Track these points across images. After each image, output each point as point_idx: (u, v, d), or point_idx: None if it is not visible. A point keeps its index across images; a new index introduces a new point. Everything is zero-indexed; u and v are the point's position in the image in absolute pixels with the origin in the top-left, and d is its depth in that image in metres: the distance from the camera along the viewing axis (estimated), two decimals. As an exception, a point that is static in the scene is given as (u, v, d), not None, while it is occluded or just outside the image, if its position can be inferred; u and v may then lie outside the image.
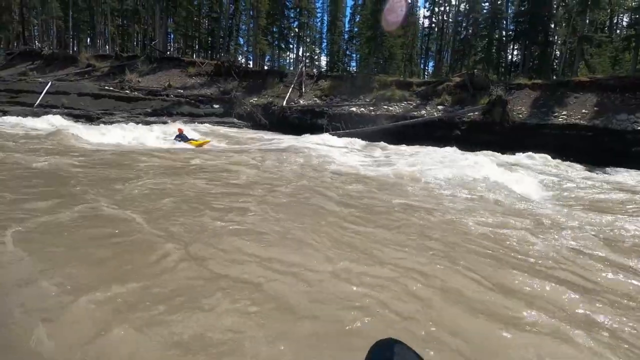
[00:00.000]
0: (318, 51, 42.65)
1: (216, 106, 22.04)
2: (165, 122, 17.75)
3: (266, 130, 19.23)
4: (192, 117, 20.09)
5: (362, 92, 21.83)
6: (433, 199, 4.95)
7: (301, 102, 22.05)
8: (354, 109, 20.23)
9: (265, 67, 33.07)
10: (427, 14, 36.69)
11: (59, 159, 6.10)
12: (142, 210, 3.66)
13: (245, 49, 36.23)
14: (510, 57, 30.17)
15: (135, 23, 34.84)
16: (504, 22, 28.45)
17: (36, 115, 17.36)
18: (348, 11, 40.68)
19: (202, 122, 19.26)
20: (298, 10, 32.82)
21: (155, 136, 11.65)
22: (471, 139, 15.02)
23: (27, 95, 20.82)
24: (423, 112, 18.87)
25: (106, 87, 22.78)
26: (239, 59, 36.57)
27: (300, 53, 36.47)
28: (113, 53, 29.80)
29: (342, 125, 18.30)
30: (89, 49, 33.64)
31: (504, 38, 28.70)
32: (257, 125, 20.13)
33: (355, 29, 36.12)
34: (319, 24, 43.05)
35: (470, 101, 18.27)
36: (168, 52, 32.53)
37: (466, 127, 16.36)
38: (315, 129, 17.45)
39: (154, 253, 2.71)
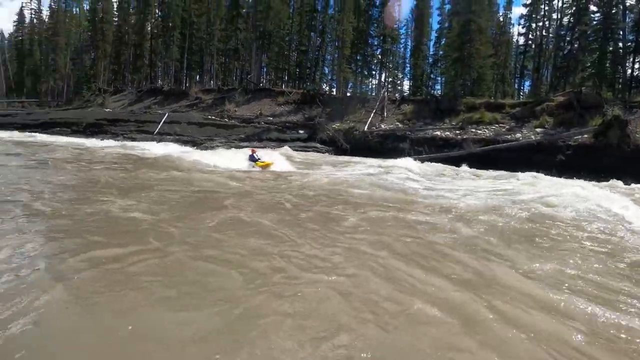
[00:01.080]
0: (400, 76, 42.67)
1: (301, 132, 23.37)
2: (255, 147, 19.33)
3: (347, 154, 19.62)
4: (279, 142, 21.58)
5: (447, 116, 21.01)
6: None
7: (383, 126, 22.09)
8: (438, 132, 19.51)
9: (348, 94, 34.18)
10: (522, 30, 34.11)
11: (169, 173, 7.18)
12: (274, 218, 4.05)
13: (330, 77, 38.10)
14: (630, 71, 25.99)
15: (235, 60, 39.54)
16: (620, 33, 24.83)
17: (155, 141, 20.58)
18: (433, 35, 40.18)
19: (287, 147, 20.57)
20: (381, 37, 33.54)
21: (242, 158, 12.50)
22: (578, 164, 13.15)
23: (149, 125, 24.89)
24: (518, 135, 17.27)
25: (209, 117, 26.04)
26: (324, 87, 38.61)
27: (382, 79, 36.94)
28: (216, 87, 34.15)
29: (425, 149, 17.76)
30: (198, 84, 39.09)
31: (620, 50, 24.96)
32: (338, 150, 20.68)
33: (441, 52, 35.33)
34: (402, 49, 43.25)
35: (578, 122, 16.15)
36: (261, 84, 35.94)
37: (572, 152, 14.43)
38: (397, 153, 17.20)
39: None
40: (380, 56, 34.90)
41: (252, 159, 11.20)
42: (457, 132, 19.02)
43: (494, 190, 7.46)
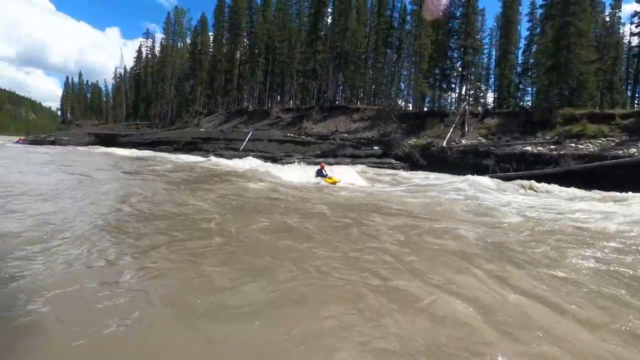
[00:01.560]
0: (484, 88, 39.97)
1: (375, 148, 23.34)
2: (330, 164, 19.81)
3: (424, 170, 18.97)
4: (354, 158, 21.83)
5: (539, 129, 19.06)
6: None
7: (463, 141, 20.91)
8: (528, 148, 17.75)
9: (425, 109, 33.18)
10: (636, 30, 29.45)
11: (255, 185, 7.80)
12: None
13: (406, 92, 37.54)
14: None
15: (313, 80, 41.53)
16: None
17: (239, 157, 22.49)
18: (522, 42, 37.02)
19: (361, 163, 20.69)
20: (462, 49, 32.09)
21: (311, 173, 12.83)
22: None
23: (235, 143, 27.34)
24: (633, 149, 14.82)
25: (288, 134, 27.60)
26: (399, 102, 38.15)
27: (463, 92, 35.07)
28: (295, 106, 36.19)
29: (512, 166, 16.32)
30: (278, 104, 41.86)
31: None
32: (415, 166, 20.13)
33: (531, 61, 32.33)
34: (486, 59, 40.64)
35: None
36: (337, 102, 37.03)
37: None
38: (479, 170, 16.09)
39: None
40: (460, 68, 33.34)
41: (320, 174, 11.45)
42: (552, 147, 17.07)
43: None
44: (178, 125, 43.45)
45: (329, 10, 39.09)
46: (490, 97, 39.40)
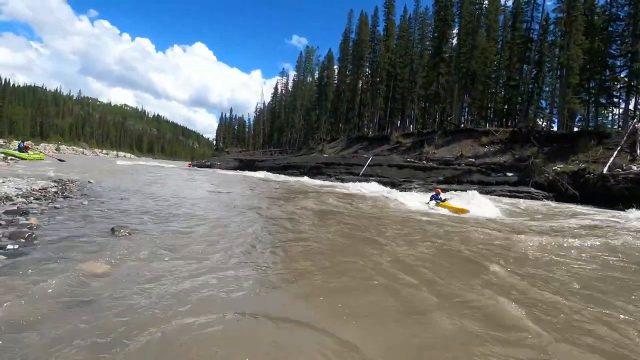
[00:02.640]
0: (664, 100, 31.49)
1: (509, 174, 20.82)
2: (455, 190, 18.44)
3: (576, 202, 15.91)
4: (482, 185, 19.89)
5: None
6: None
7: (634, 167, 16.76)
8: None
9: (575, 129, 28.10)
10: None
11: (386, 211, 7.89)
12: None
13: (549, 111, 32.55)
14: None
15: (436, 103, 40.08)
16: None
17: (360, 181, 23.10)
18: None
19: (491, 191, 18.65)
20: (628, 55, 26.23)
21: (427, 199, 12.17)
22: None
23: (356, 167, 28.30)
24: None
25: (408, 159, 27.11)
26: (539, 122, 33.28)
27: (631, 106, 28.37)
28: (415, 131, 35.41)
29: None
30: (398, 129, 41.69)
31: None
32: (562, 196, 17.09)
33: None
34: (667, 64, 32.06)
35: None
36: (462, 125, 34.68)
37: None
38: (662, 205, 12.55)
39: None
40: (627, 79, 27.26)
41: (437, 199, 11.12)
42: None
43: None
44: (304, 152, 47.60)
45: (454, 31, 37.64)
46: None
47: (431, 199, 11.33)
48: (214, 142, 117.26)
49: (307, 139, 57.06)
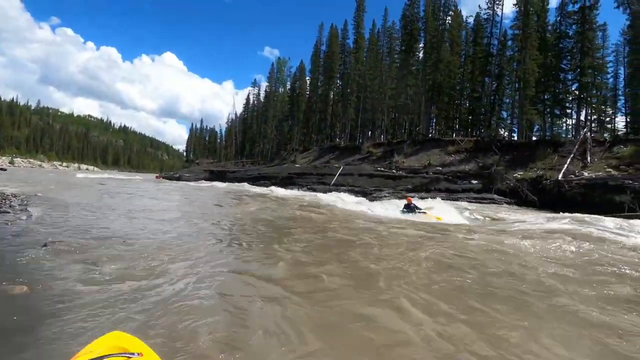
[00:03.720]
0: (610, 111, 34.10)
1: (474, 182, 21.56)
2: (423, 198, 18.85)
3: (534, 207, 16.65)
4: (449, 193, 20.43)
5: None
6: None
7: (585, 174, 17.86)
8: (681, 181, 14.19)
9: (534, 138, 29.71)
10: None
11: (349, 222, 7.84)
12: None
13: (509, 122, 34.31)
14: None
15: (405, 114, 41.27)
16: None
17: (330, 191, 23.09)
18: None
19: (457, 198, 19.20)
20: (578, 70, 28.26)
21: (398, 207, 12.17)
22: None
23: (327, 177, 28.33)
24: None
25: (378, 169, 27.51)
26: (501, 132, 34.95)
27: (582, 117, 30.46)
28: (386, 140, 36.11)
29: (659, 204, 13.16)
30: (370, 139, 42.41)
31: None
32: (522, 202, 17.84)
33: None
34: (612, 79, 34.83)
35: None
36: (430, 135, 35.80)
37: None
38: (609, 208, 13.38)
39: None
40: (577, 92, 29.29)
41: (411, 209, 11.26)
42: None
43: None
44: (277, 162, 47.29)
45: (420, 45, 39.14)
46: (620, 122, 33.41)
47: (406, 209, 11.34)
48: (184, 154, 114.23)
49: (279, 149, 56.81)
